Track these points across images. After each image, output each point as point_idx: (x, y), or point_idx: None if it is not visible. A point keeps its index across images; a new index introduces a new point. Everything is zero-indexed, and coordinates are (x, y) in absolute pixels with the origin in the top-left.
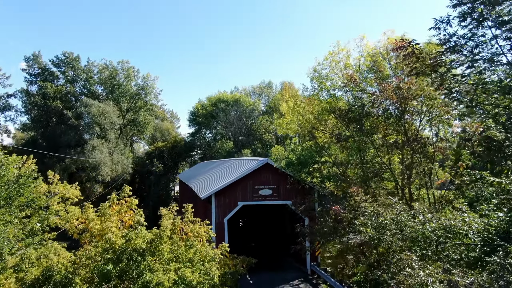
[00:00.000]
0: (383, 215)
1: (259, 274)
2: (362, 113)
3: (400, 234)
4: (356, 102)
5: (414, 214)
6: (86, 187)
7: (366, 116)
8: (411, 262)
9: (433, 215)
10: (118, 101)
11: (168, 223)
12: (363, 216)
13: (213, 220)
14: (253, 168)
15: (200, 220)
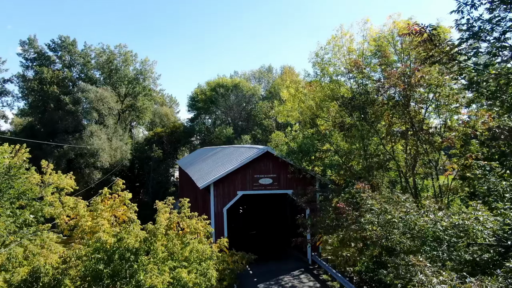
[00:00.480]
0: (391, 213)
1: (259, 264)
2: (367, 101)
3: (409, 233)
4: (360, 89)
5: (424, 212)
6: (85, 173)
7: (370, 104)
8: (424, 269)
9: (444, 213)
10: (116, 86)
11: (163, 218)
12: (370, 213)
13: (212, 210)
14: (253, 157)
15: (198, 215)
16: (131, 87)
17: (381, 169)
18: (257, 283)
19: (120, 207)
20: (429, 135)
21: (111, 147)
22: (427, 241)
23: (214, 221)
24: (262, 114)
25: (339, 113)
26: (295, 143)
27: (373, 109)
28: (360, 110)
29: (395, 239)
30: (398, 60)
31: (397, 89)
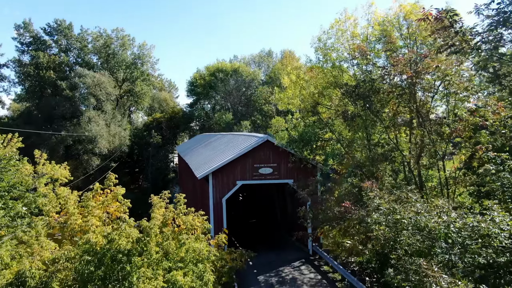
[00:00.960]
0: (401, 213)
1: (259, 255)
2: (372, 89)
3: (420, 235)
4: (365, 76)
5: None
6: (83, 160)
7: (375, 92)
8: (439, 280)
9: (458, 215)
10: (114, 71)
11: (159, 213)
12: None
13: (211, 200)
14: (253, 146)
15: (196, 206)
16: (129, 72)
17: (386, 161)
18: (257, 275)
19: (112, 203)
20: (437, 125)
21: (109, 133)
22: (439, 243)
23: (213, 212)
24: (262, 100)
25: (342, 101)
26: (296, 132)
27: (378, 98)
28: (364, 99)
29: (404, 241)
30: (404, 45)
31: (404, 76)
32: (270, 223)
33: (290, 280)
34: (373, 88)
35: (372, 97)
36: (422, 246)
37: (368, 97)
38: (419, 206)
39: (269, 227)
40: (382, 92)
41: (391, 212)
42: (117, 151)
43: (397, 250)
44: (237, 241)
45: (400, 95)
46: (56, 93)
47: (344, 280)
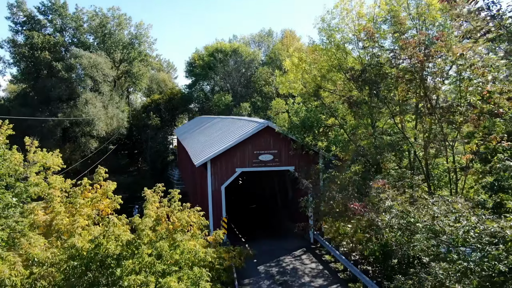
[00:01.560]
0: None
1: (259, 243)
2: (379, 74)
3: (435, 240)
4: (371, 60)
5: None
6: (81, 143)
7: (383, 77)
8: None
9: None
10: (111, 51)
11: (152, 210)
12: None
13: (209, 188)
14: (253, 132)
15: (190, 206)
16: (126, 52)
17: (393, 151)
18: (257, 264)
19: (102, 200)
20: (449, 114)
21: (107, 115)
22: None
23: (212, 200)
24: (262, 81)
25: (347, 86)
26: (298, 118)
27: (385, 84)
28: (371, 84)
29: (418, 247)
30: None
31: (413, 60)
32: (270, 208)
33: (291, 270)
34: (381, 73)
35: (379, 83)
36: (437, 250)
37: (376, 83)
38: (436, 209)
39: (270, 213)
40: (390, 78)
41: (405, 215)
42: (115, 133)
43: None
44: (237, 228)
45: (410, 81)
46: (52, 75)
47: (346, 271)
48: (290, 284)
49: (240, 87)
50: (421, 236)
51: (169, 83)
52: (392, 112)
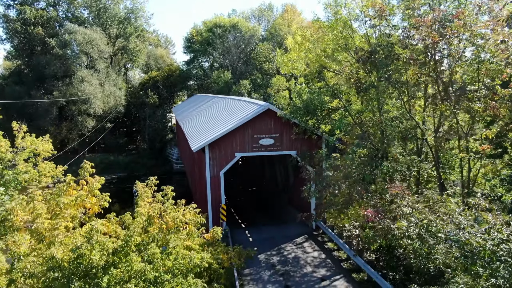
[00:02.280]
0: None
1: (259, 229)
2: (390, 56)
3: (460, 252)
4: (381, 39)
5: (486, 230)
6: (78, 121)
7: (394, 59)
8: None
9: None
10: (106, 26)
11: (144, 207)
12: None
13: (208, 174)
14: (253, 115)
15: (185, 203)
16: (122, 27)
17: (405, 140)
18: (257, 253)
19: (89, 198)
20: (468, 101)
21: (103, 93)
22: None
23: (210, 186)
24: (262, 57)
25: (354, 67)
26: (301, 100)
27: (397, 66)
28: (382, 67)
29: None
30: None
31: (427, 41)
32: (271, 191)
33: (293, 259)
34: (392, 54)
35: (390, 65)
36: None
37: (386, 65)
38: (463, 220)
39: (270, 196)
40: (401, 60)
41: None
42: (113, 111)
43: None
44: (236, 212)
45: (423, 63)
46: (46, 51)
47: (350, 260)
48: (292, 275)
49: (240, 63)
50: (443, 247)
51: (167, 59)
52: (402, 97)
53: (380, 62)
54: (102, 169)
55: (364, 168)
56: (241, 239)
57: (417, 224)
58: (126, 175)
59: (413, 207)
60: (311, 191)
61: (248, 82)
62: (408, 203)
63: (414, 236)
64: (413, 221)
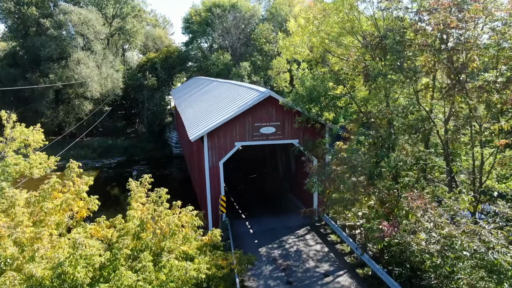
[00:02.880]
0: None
1: (260, 220)
2: (401, 42)
3: (485, 271)
4: (392, 23)
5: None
6: (75, 105)
7: (406, 46)
8: None
9: None
10: (102, 6)
11: (137, 207)
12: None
13: (206, 164)
14: (253, 103)
15: (181, 205)
16: (119, 7)
17: (416, 133)
18: (258, 246)
19: (75, 203)
20: (486, 93)
21: (100, 75)
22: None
23: (209, 176)
24: (262, 38)
25: (360, 52)
26: (303, 88)
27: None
28: (394, 54)
29: (465, 280)
30: None
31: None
32: (271, 179)
33: (295, 253)
34: (403, 40)
35: (402, 52)
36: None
37: (398, 52)
38: (493, 239)
39: (271, 184)
40: (414, 46)
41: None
42: (110, 94)
43: None
44: (236, 201)
45: (438, 51)
46: (41, 32)
47: (353, 253)
48: (294, 270)
49: (240, 44)
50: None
51: (166, 40)
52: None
53: (391, 48)
54: (100, 153)
55: (370, 160)
56: (241, 231)
57: (439, 240)
58: (125, 159)
59: (435, 222)
60: (314, 185)
61: (248, 64)
62: (430, 218)
63: (435, 253)
64: (435, 237)
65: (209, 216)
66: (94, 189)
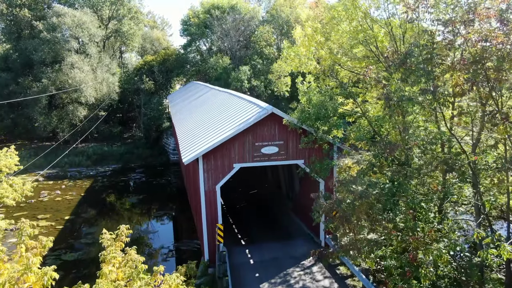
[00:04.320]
0: None
1: (260, 246)
2: (430, 59)
3: None
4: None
5: None
6: (69, 110)
7: (435, 64)
8: None
9: None
10: (98, 8)
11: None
12: None
13: (202, 188)
14: (254, 121)
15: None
16: (115, 9)
17: (451, 171)
18: (259, 281)
19: (25, 279)
20: None
21: (96, 80)
22: None
23: (205, 202)
24: (262, 41)
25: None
26: (311, 105)
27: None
28: (422, 75)
29: None
30: None
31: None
32: (273, 196)
33: None
34: (433, 57)
35: (432, 74)
36: None
37: (429, 74)
38: None
39: (273, 202)
40: (446, 65)
41: None
42: (106, 99)
43: None
44: (235, 224)
45: (476, 71)
46: (34, 35)
47: None
48: None
49: (239, 47)
50: None
51: (164, 41)
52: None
53: (417, 67)
54: (95, 160)
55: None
56: (240, 262)
57: None
58: (121, 166)
59: None
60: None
61: (248, 68)
62: None
63: None
64: None
65: (204, 245)
66: (89, 199)
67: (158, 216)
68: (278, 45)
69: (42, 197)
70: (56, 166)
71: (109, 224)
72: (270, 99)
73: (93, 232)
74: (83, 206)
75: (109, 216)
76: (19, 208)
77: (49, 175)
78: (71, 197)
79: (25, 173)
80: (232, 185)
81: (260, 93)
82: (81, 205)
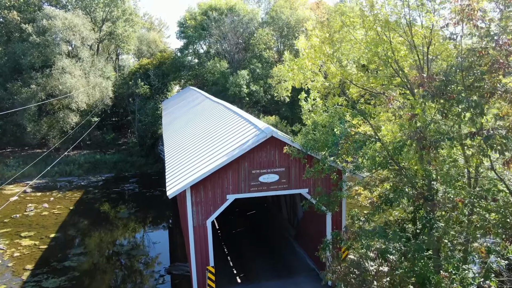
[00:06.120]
0: None
1: (259, 286)
2: (479, 87)
3: None
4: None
5: None
6: (59, 117)
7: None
8: None
9: None
10: (91, 10)
11: None
12: None
13: (190, 224)
14: (250, 146)
15: None
16: (108, 10)
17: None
18: None
19: None
20: None
21: (88, 84)
22: None
23: (194, 240)
24: (262, 44)
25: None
26: (317, 129)
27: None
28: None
29: None
30: None
31: None
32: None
33: None
34: (481, 85)
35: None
36: None
37: (478, 106)
38: None
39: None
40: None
41: None
42: (99, 105)
43: None
44: (231, 254)
45: None
46: (23, 39)
47: None
48: None
49: (238, 50)
50: None
51: (160, 44)
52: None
53: (459, 98)
54: (87, 169)
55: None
56: None
57: None
58: (114, 175)
59: None
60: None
61: (247, 72)
62: None
63: None
64: None
65: None
66: (78, 213)
67: (152, 231)
68: (278, 48)
69: (28, 211)
70: (46, 176)
71: (97, 241)
72: (269, 104)
73: (79, 253)
74: (71, 221)
75: (98, 234)
76: (2, 224)
77: (37, 185)
78: (59, 211)
79: (13, 183)
80: (227, 209)
81: (259, 98)
82: (69, 220)
